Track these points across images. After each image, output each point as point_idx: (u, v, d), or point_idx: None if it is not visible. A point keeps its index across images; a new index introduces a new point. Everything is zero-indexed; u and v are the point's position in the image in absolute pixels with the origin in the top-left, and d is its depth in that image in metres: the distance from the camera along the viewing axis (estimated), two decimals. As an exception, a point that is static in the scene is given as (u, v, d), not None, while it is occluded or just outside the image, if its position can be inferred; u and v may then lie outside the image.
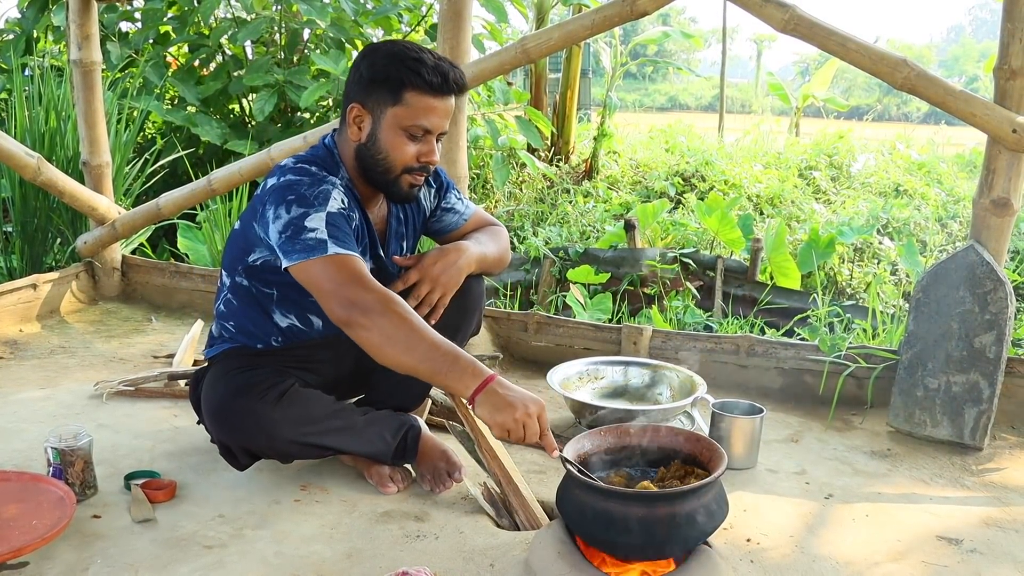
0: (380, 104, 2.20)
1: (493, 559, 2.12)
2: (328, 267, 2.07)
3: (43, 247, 4.75)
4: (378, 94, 2.20)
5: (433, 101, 2.19)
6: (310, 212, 2.11)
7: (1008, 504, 2.53)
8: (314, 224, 2.10)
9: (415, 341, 2.02)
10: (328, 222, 2.11)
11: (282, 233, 2.11)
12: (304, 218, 2.10)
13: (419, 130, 2.20)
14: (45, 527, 2.06)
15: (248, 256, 2.31)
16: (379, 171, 2.25)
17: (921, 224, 7.75)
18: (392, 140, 2.21)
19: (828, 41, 2.89)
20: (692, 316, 5.09)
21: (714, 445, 2.06)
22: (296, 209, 2.11)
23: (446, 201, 2.58)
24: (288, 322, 2.40)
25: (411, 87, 2.17)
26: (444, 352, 2.02)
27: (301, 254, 2.08)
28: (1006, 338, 2.82)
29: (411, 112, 2.19)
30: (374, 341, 2.04)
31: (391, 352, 2.03)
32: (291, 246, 2.09)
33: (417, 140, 2.22)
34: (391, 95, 2.18)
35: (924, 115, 25.88)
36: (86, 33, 3.99)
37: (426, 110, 2.19)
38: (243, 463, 2.37)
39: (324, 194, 2.15)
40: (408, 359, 2.02)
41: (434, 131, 2.23)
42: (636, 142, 11.58)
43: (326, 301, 2.08)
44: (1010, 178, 2.83)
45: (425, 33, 6.78)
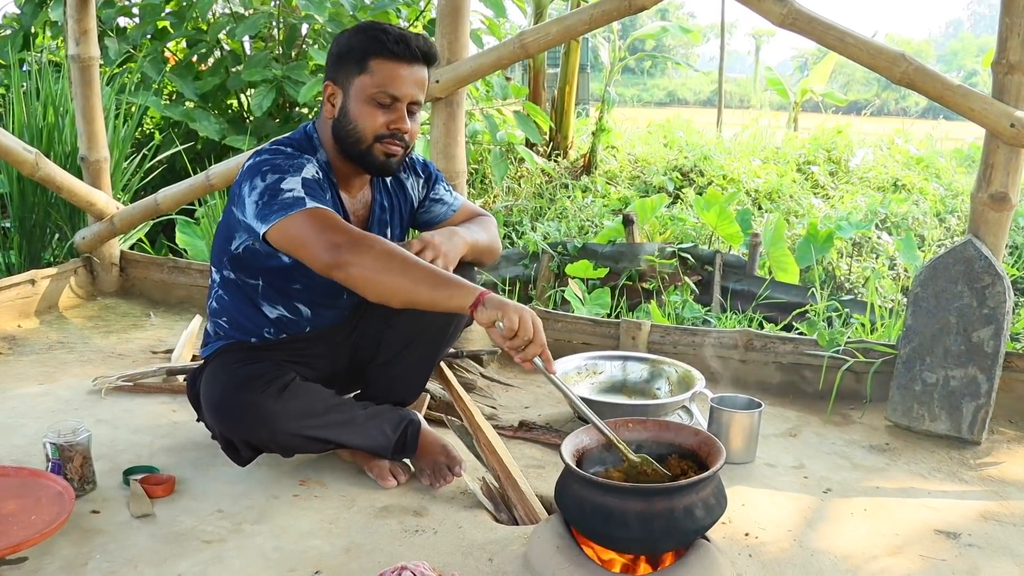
0: (348, 77, 2.23)
1: (492, 554, 2.12)
2: (307, 218, 2.06)
3: (41, 243, 4.75)
4: (346, 67, 2.24)
5: (397, 67, 2.21)
6: (285, 176, 2.13)
7: (1006, 498, 2.54)
8: (290, 186, 2.11)
9: (407, 266, 2.02)
10: (303, 184, 2.13)
11: (258, 201, 2.11)
12: (280, 182, 2.11)
13: (385, 97, 2.21)
14: (44, 522, 2.06)
15: (231, 245, 2.33)
16: (351, 142, 2.26)
17: (919, 219, 7.76)
18: (360, 109, 2.23)
19: (826, 36, 2.89)
20: (690, 311, 5.09)
21: (712, 439, 2.07)
22: (271, 176, 2.13)
23: (434, 192, 2.59)
24: (277, 313, 2.41)
25: (374, 55, 2.20)
26: (437, 272, 2.04)
27: (279, 213, 2.07)
28: (1004, 332, 2.83)
29: (376, 79, 2.21)
30: (367, 274, 2.02)
31: (386, 279, 2.01)
32: (268, 209, 2.09)
33: (385, 108, 2.23)
34: (357, 66, 2.22)
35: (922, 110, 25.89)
36: (84, 28, 3.98)
37: (391, 76, 2.21)
38: (245, 457, 2.37)
39: (299, 164, 2.17)
40: (403, 281, 2.01)
41: (402, 99, 2.23)
42: (634, 137, 11.58)
43: (310, 250, 2.05)
44: (1008, 172, 2.83)
45: (424, 28, 6.77)
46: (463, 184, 3.43)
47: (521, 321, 1.94)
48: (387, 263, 2.01)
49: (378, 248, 2.03)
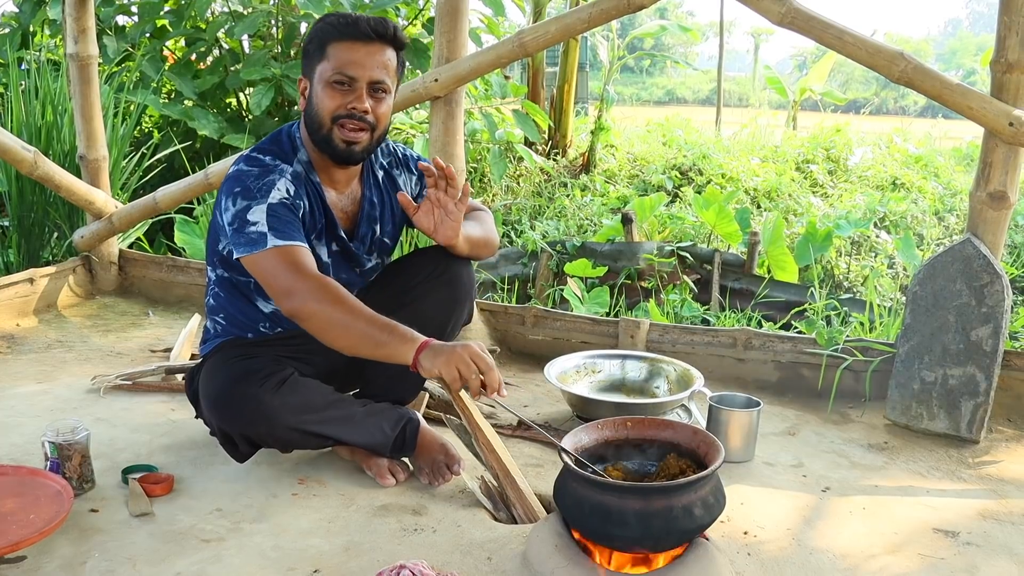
0: (312, 67, 2.26)
1: (491, 552, 2.12)
2: (268, 260, 2.15)
3: (40, 241, 4.74)
4: (311, 59, 2.27)
5: (352, 48, 2.22)
6: (252, 205, 2.18)
7: (1004, 497, 2.54)
8: (255, 217, 2.16)
9: (351, 321, 2.10)
10: (269, 213, 2.17)
11: (231, 225, 2.20)
12: (247, 211, 2.17)
13: (343, 78, 2.22)
14: (43, 521, 2.06)
15: (219, 246, 2.37)
16: (315, 128, 2.28)
17: (918, 217, 7.76)
18: (321, 94, 2.25)
19: (825, 34, 2.89)
20: (689, 309, 5.10)
21: (711, 438, 2.07)
22: (241, 202, 2.19)
23: (427, 189, 2.56)
24: (271, 308, 2.43)
25: (331, 40, 2.23)
26: (380, 326, 2.11)
27: (246, 247, 2.16)
28: (1002, 331, 2.83)
29: (332, 63, 2.23)
30: (316, 328, 2.13)
31: (332, 336, 2.14)
32: (238, 239, 2.18)
33: (342, 88, 2.24)
34: (318, 55, 2.25)
35: (921, 109, 25.91)
36: (82, 27, 3.98)
37: (347, 58, 2.22)
38: (243, 452, 2.37)
39: (268, 185, 2.21)
40: (348, 340, 2.13)
41: (359, 79, 2.23)
42: (633, 136, 11.57)
43: (271, 293, 2.19)
44: (1007, 171, 2.83)
45: (423, 27, 6.77)
46: (461, 183, 3.42)
47: (464, 367, 2.05)
48: (332, 318, 2.11)
49: (325, 301, 2.11)
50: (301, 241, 2.19)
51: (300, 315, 2.12)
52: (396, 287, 2.51)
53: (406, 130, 7.22)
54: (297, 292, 2.11)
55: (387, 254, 2.57)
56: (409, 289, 2.48)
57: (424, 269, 2.50)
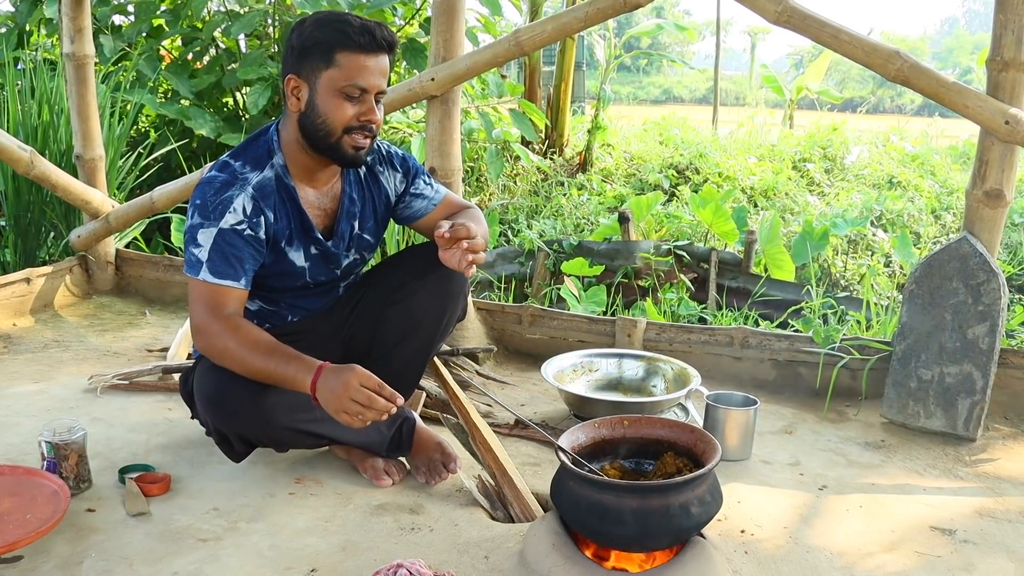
0: (314, 70, 2.22)
1: (488, 551, 2.12)
2: (195, 290, 2.22)
3: (36, 241, 4.74)
4: (310, 61, 2.22)
5: (364, 59, 2.20)
6: (204, 225, 2.21)
7: (1001, 494, 2.54)
8: (202, 240, 2.21)
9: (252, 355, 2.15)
10: (215, 241, 2.20)
11: (185, 236, 2.26)
12: (198, 229, 2.21)
13: (354, 90, 2.21)
14: (39, 521, 2.06)
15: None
16: (321, 136, 2.26)
17: (915, 216, 7.76)
18: (329, 103, 2.22)
19: (821, 33, 2.89)
20: (686, 308, 5.10)
21: (708, 437, 2.07)
22: (197, 217, 2.23)
23: (415, 187, 2.56)
24: (257, 305, 2.45)
25: (341, 48, 2.19)
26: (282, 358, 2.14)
27: (186, 266, 2.24)
28: (999, 329, 2.83)
29: (344, 73, 2.20)
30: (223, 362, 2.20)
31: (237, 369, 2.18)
32: (185, 253, 2.24)
33: (354, 100, 2.23)
34: (323, 59, 2.20)
35: (918, 107, 25.92)
36: (79, 26, 3.97)
37: (359, 69, 2.20)
38: (239, 451, 2.36)
39: (224, 204, 2.22)
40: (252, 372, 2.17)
41: (370, 90, 2.23)
42: (630, 135, 11.57)
43: (190, 315, 2.25)
44: (1003, 169, 2.83)
45: (419, 26, 6.76)
46: (458, 182, 3.43)
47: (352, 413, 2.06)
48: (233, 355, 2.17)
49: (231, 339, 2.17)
50: (234, 280, 2.22)
51: (209, 352, 2.21)
52: (390, 284, 2.50)
53: (403, 129, 7.22)
54: (207, 329, 2.19)
55: (368, 250, 2.56)
56: (402, 286, 2.47)
57: (417, 266, 2.49)
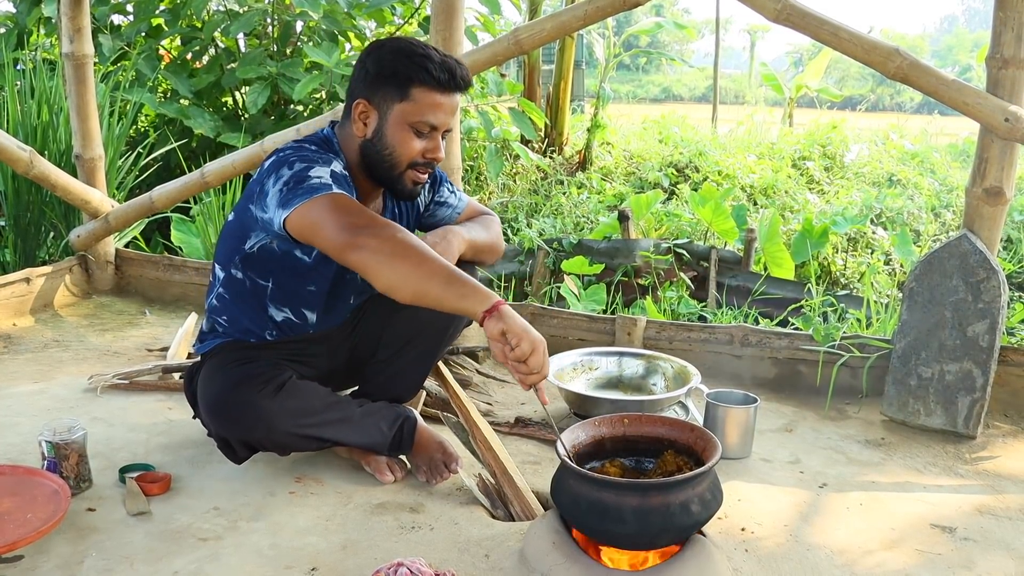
0: (387, 100, 2.19)
1: (488, 550, 2.13)
2: (330, 201, 2.02)
3: (36, 241, 4.74)
4: (385, 90, 2.18)
5: (440, 97, 2.19)
6: (314, 166, 2.09)
7: (1001, 492, 2.54)
8: (318, 174, 2.07)
9: (424, 257, 1.95)
10: (332, 174, 2.09)
11: (283, 189, 2.06)
12: (308, 170, 2.07)
13: (426, 126, 2.20)
14: (40, 520, 2.06)
15: (245, 244, 2.29)
16: (384, 167, 2.24)
17: (914, 214, 7.76)
18: (398, 136, 2.20)
19: (820, 31, 2.89)
20: (686, 306, 5.09)
21: (708, 435, 2.07)
22: (299, 165, 2.08)
23: (439, 195, 2.57)
24: (283, 316, 2.40)
25: (418, 83, 2.16)
26: (453, 270, 1.95)
27: (302, 196, 2.02)
28: (999, 327, 2.83)
29: (418, 108, 2.18)
30: (381, 258, 1.94)
31: (399, 266, 1.94)
32: (292, 194, 2.04)
33: (423, 136, 2.21)
34: (398, 91, 2.17)
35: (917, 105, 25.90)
36: (78, 26, 3.97)
37: (433, 106, 2.18)
38: (241, 456, 2.36)
39: (327, 158, 2.14)
40: (417, 272, 1.93)
41: (440, 127, 2.22)
42: (630, 133, 11.57)
43: (326, 231, 1.99)
44: (1002, 167, 2.83)
45: (418, 25, 6.76)
46: (458, 181, 3.43)
47: (534, 352, 1.89)
48: (404, 250, 1.94)
49: (398, 235, 1.97)
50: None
51: (365, 246, 1.94)
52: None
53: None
54: (362, 225, 1.97)
55: None
56: None
57: None
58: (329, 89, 6.23)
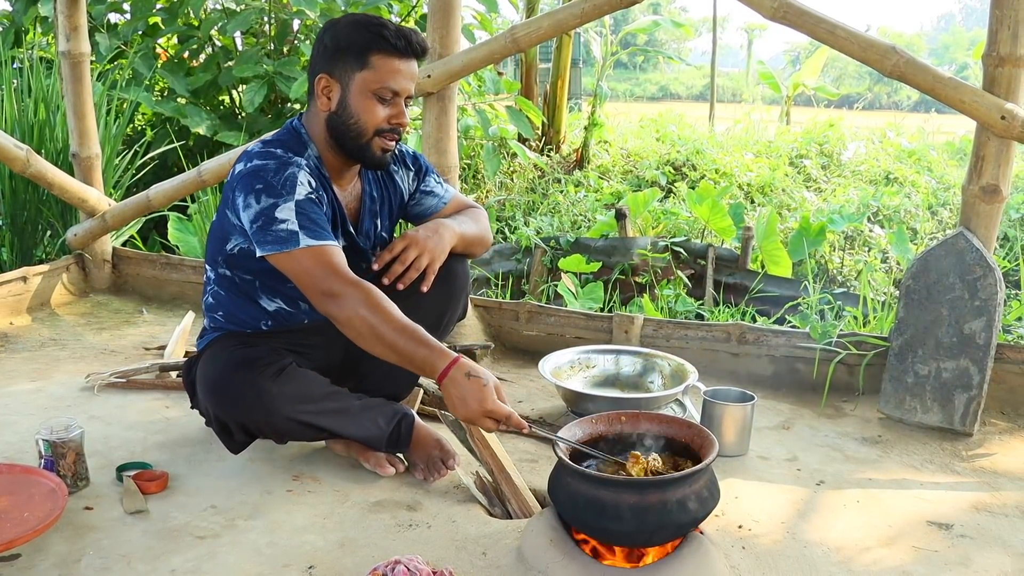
0: (347, 71, 2.24)
1: (485, 547, 2.13)
2: (302, 260, 2.14)
3: (33, 239, 4.73)
4: (344, 61, 2.24)
5: (399, 63, 2.23)
6: (279, 203, 2.15)
7: (998, 489, 2.55)
8: (284, 215, 2.14)
9: (386, 330, 2.09)
10: (298, 211, 2.15)
11: (253, 223, 2.16)
12: (274, 209, 2.14)
13: (387, 92, 2.24)
14: (37, 519, 2.06)
15: (226, 246, 2.34)
16: (351, 136, 2.28)
17: (911, 211, 7.78)
18: (362, 104, 2.25)
19: (817, 29, 2.89)
20: (683, 304, 5.10)
21: (705, 432, 2.07)
22: (265, 199, 2.15)
23: (425, 184, 2.60)
24: (276, 306, 2.42)
25: (376, 51, 2.21)
26: (416, 339, 2.09)
27: (274, 246, 2.14)
28: (996, 324, 2.83)
29: (378, 75, 2.22)
30: (351, 333, 2.13)
31: (365, 342, 2.13)
32: (263, 236, 2.15)
33: (386, 103, 2.26)
34: (357, 60, 2.22)
35: (914, 103, 25.94)
36: (74, 24, 3.97)
37: (393, 72, 2.23)
38: (239, 441, 2.36)
39: (291, 180, 2.18)
40: (380, 348, 2.11)
41: (401, 93, 2.26)
42: (627, 131, 11.58)
43: (304, 291, 2.18)
44: (999, 165, 2.83)
45: (415, 23, 6.76)
46: (455, 179, 3.43)
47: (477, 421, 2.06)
48: (367, 323, 2.10)
49: (363, 306, 2.10)
50: (331, 239, 2.18)
51: (339, 319, 2.13)
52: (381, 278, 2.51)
53: (399, 126, 7.20)
54: (338, 297, 2.12)
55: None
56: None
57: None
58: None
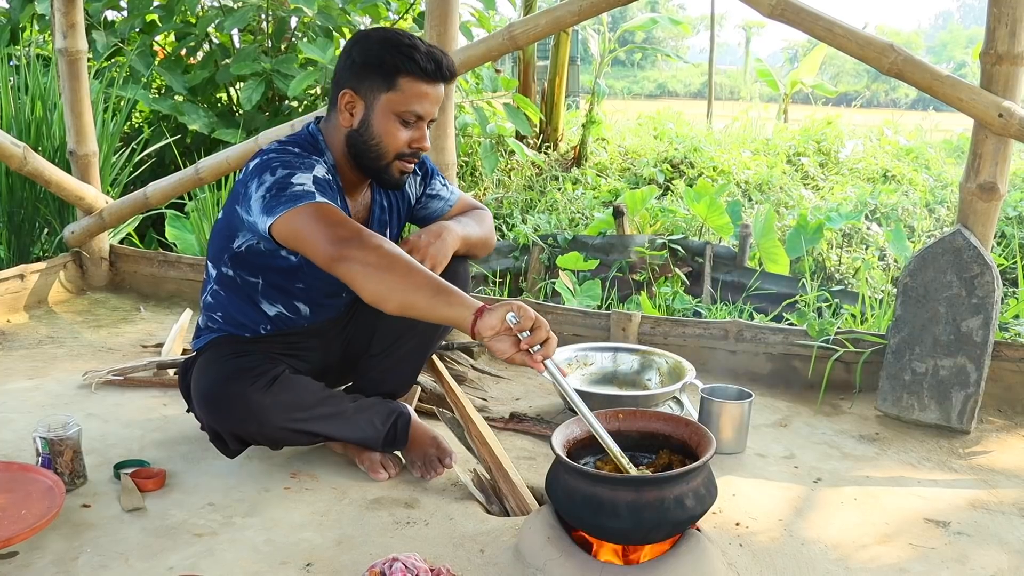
0: (373, 90, 2.20)
1: (483, 545, 2.13)
2: (315, 211, 2.03)
3: (30, 237, 4.73)
4: (371, 80, 2.19)
5: (426, 87, 2.20)
6: (296, 172, 2.10)
7: (995, 486, 2.55)
8: (300, 180, 2.08)
9: (411, 270, 1.96)
10: (314, 180, 2.10)
11: (266, 195, 2.08)
12: (290, 176, 2.08)
13: (412, 116, 2.21)
14: (34, 517, 2.06)
15: (232, 243, 2.30)
16: (371, 156, 2.25)
17: (909, 209, 7.78)
18: (385, 126, 2.21)
19: (815, 26, 2.89)
20: (681, 302, 5.11)
21: (703, 430, 2.07)
22: (281, 171, 2.10)
23: (431, 188, 2.58)
24: (276, 310, 2.40)
25: (405, 73, 2.17)
26: (439, 282, 1.96)
27: (286, 204, 2.04)
28: (993, 322, 2.84)
29: (405, 98, 2.18)
30: (368, 271, 1.96)
31: (387, 279, 1.95)
32: (276, 201, 2.05)
33: (409, 126, 2.22)
34: (384, 81, 2.18)
35: (912, 101, 25.94)
36: (71, 22, 3.96)
37: (419, 96, 2.19)
38: (233, 449, 2.37)
39: (309, 163, 2.15)
40: (403, 284, 1.95)
41: (426, 117, 2.23)
42: (625, 129, 11.59)
43: (314, 243, 2.01)
44: (996, 163, 2.83)
45: (413, 21, 6.76)
46: (453, 176, 3.43)
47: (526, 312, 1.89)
48: (390, 263, 1.95)
49: (385, 247, 1.98)
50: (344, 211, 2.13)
51: (352, 259, 1.96)
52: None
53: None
54: (350, 237, 1.98)
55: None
56: None
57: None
58: (324, 85, 6.22)
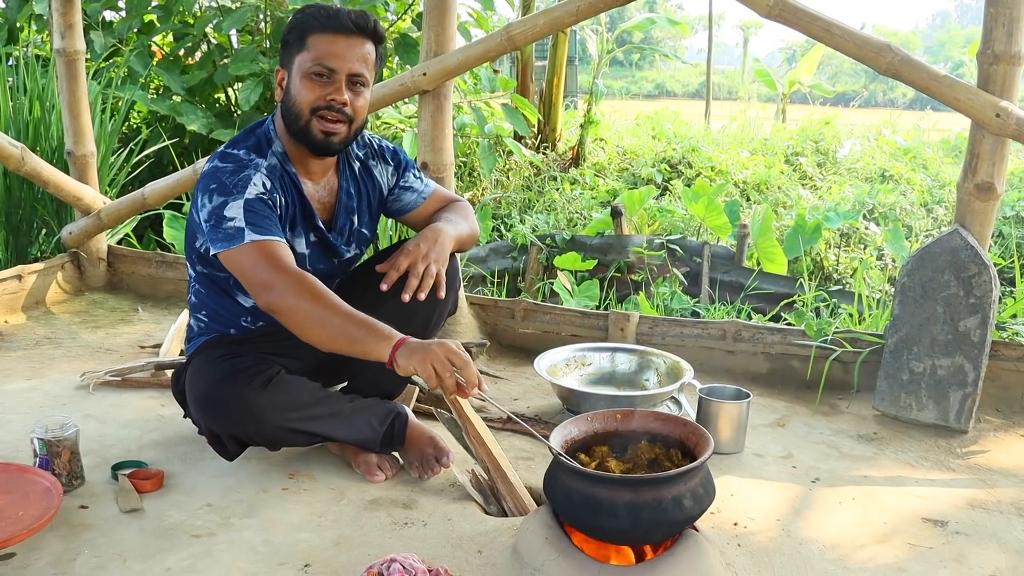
0: (292, 58, 2.26)
1: (481, 545, 2.13)
2: (246, 255, 2.14)
3: (28, 238, 4.73)
4: (289, 49, 2.27)
5: (334, 40, 2.22)
6: (228, 201, 2.17)
7: (993, 486, 2.55)
8: (232, 213, 2.16)
9: (328, 316, 2.09)
10: (246, 209, 2.17)
11: (207, 222, 2.19)
12: (223, 207, 2.17)
13: (322, 69, 2.22)
14: (32, 518, 2.06)
15: (196, 243, 2.36)
16: (292, 119, 2.27)
17: (907, 209, 7.79)
18: (299, 85, 2.25)
19: (812, 26, 2.90)
20: (679, 302, 5.11)
21: (701, 430, 2.07)
22: (217, 198, 2.18)
23: (404, 180, 2.58)
24: (251, 302, 2.40)
25: (311, 31, 2.23)
26: (357, 322, 2.09)
27: (223, 243, 2.15)
28: (990, 321, 2.84)
29: (312, 54, 2.22)
30: (293, 323, 2.13)
31: (308, 331, 2.12)
32: (215, 235, 2.17)
33: (323, 80, 2.24)
34: (298, 45, 2.24)
35: (910, 101, 25.92)
36: (69, 22, 3.96)
37: (327, 49, 2.22)
38: (232, 451, 2.37)
39: (244, 180, 2.20)
40: (324, 335, 2.11)
41: (339, 71, 2.23)
42: (623, 129, 11.59)
43: (248, 286, 2.18)
44: (994, 162, 2.84)
45: (411, 21, 6.75)
46: (451, 177, 3.43)
47: (440, 365, 2.01)
48: (309, 313, 2.10)
49: (303, 296, 2.10)
50: (279, 236, 2.19)
51: (277, 310, 2.12)
52: (380, 278, 2.50)
53: (395, 124, 7.21)
54: (275, 286, 2.11)
55: (365, 244, 2.58)
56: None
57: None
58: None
